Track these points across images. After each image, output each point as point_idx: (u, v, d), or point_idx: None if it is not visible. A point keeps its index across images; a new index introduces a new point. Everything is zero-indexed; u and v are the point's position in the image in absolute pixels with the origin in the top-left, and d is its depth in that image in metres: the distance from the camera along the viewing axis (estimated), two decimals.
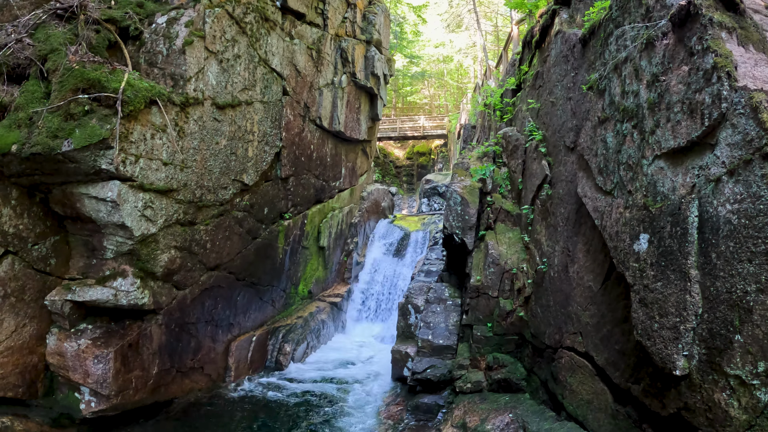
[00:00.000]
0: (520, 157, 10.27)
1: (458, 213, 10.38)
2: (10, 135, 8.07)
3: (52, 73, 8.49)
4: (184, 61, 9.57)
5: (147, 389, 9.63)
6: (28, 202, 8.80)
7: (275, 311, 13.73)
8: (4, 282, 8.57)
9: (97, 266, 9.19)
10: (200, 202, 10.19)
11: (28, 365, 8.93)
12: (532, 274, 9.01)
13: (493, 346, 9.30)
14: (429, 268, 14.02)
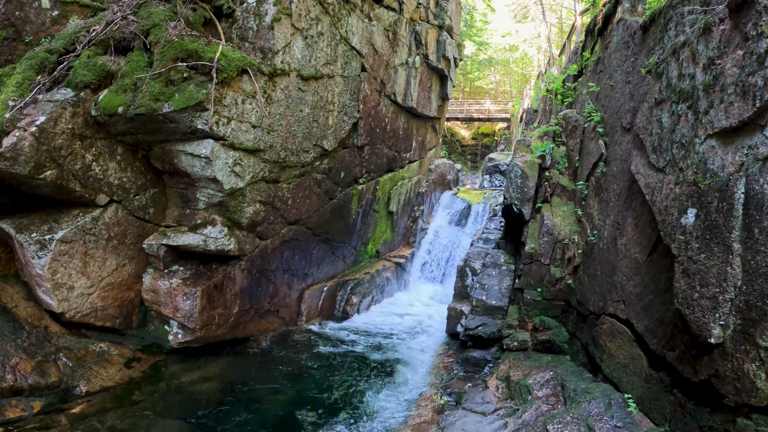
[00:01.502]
0: (579, 137, 10.15)
1: (518, 185, 10.33)
2: (117, 98, 8.38)
3: (154, 45, 8.74)
4: (272, 36, 9.73)
5: (228, 326, 10.00)
6: (131, 158, 9.18)
7: (345, 266, 13.96)
8: (109, 227, 9.02)
9: (190, 215, 9.57)
10: (284, 163, 10.42)
11: (125, 300, 9.43)
12: (582, 245, 8.95)
13: (541, 309, 9.30)
14: (487, 236, 13.97)
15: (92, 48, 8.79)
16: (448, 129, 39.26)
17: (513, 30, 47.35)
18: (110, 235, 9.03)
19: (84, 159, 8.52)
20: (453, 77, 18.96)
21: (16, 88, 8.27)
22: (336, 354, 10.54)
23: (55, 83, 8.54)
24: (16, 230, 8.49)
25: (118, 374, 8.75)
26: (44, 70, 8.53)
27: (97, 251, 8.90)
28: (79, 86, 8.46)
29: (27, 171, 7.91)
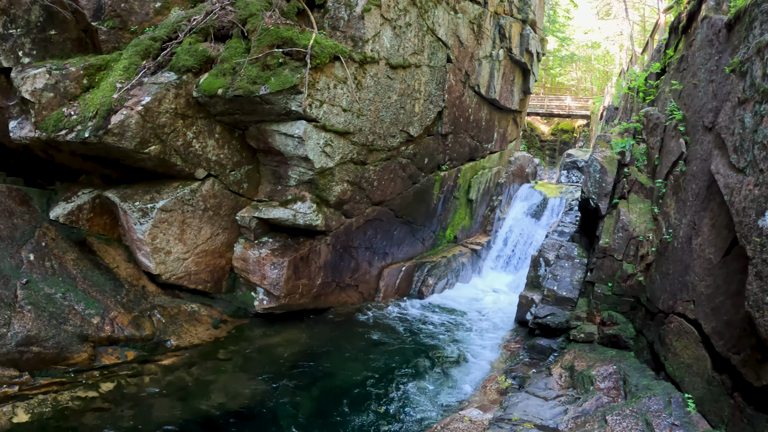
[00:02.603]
0: (659, 135, 9.69)
1: (596, 180, 9.94)
2: (217, 81, 8.52)
3: (251, 33, 8.84)
4: (362, 25, 9.65)
5: (310, 296, 10.12)
6: (228, 136, 9.33)
7: (424, 248, 13.84)
8: (206, 198, 9.22)
9: (281, 191, 9.66)
10: (371, 146, 10.35)
11: (217, 266, 9.67)
12: (656, 242, 8.53)
13: (610, 304, 8.95)
14: (562, 229, 13.57)
15: (193, 36, 8.96)
16: (528, 123, 38.44)
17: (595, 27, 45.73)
18: (206, 207, 9.24)
19: (185, 136, 8.72)
20: (535, 71, 18.46)
21: (123, 71, 8.52)
22: (408, 331, 10.49)
23: (159, 67, 8.75)
24: (121, 199, 8.86)
25: (206, 333, 9.10)
26: (149, 56, 8.77)
27: (194, 220, 9.14)
28: (181, 70, 8.65)
29: (133, 146, 8.18)
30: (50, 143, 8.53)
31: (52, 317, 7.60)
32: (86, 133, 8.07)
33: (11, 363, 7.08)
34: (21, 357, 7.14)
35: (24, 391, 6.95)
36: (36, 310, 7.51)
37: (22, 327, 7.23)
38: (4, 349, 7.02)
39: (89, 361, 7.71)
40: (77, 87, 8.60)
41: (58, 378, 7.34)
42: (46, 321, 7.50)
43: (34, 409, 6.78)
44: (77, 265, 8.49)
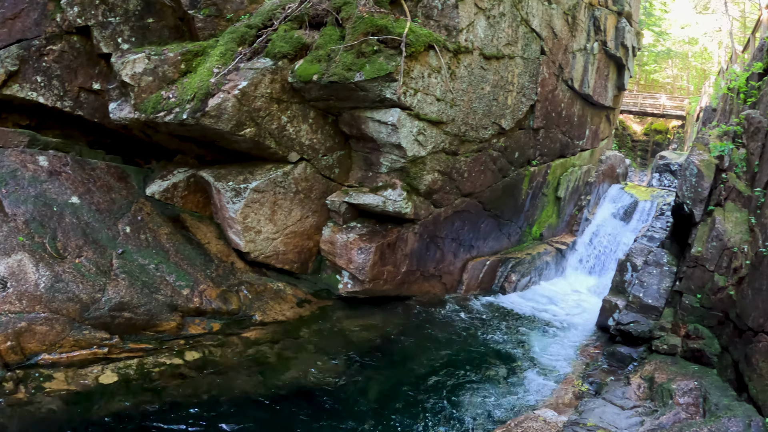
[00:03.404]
0: (761, 140, 9.16)
1: (692, 184, 9.51)
2: (312, 67, 8.66)
3: (345, 21, 8.92)
4: (456, 14, 9.51)
5: (394, 283, 10.15)
6: (322, 122, 9.47)
7: (509, 244, 13.62)
8: (297, 182, 9.40)
9: (371, 178, 9.71)
10: (463, 137, 10.24)
11: (304, 248, 9.89)
12: (751, 256, 8.01)
13: (697, 317, 8.53)
14: (652, 234, 13.07)
15: (288, 23, 9.14)
16: (620, 122, 37.19)
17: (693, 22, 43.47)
18: (298, 189, 9.42)
19: (280, 120, 8.89)
20: (630, 67, 17.80)
21: (219, 57, 8.81)
22: (487, 325, 10.40)
23: (255, 54, 8.97)
24: (215, 179, 9.22)
25: (290, 311, 9.32)
26: (245, 43, 9.01)
27: (285, 202, 9.34)
28: (277, 56, 8.83)
29: (229, 128, 8.43)
30: (149, 124, 8.90)
31: (145, 286, 8.07)
32: (184, 115, 8.40)
33: (103, 326, 7.58)
34: (112, 321, 7.64)
35: (113, 354, 7.44)
36: (130, 278, 7.99)
37: (115, 293, 7.73)
38: (98, 313, 7.53)
39: (177, 330, 8.15)
40: (175, 72, 8.94)
41: (145, 343, 7.80)
42: (139, 289, 7.96)
43: (121, 370, 7.20)
44: (170, 239, 8.95)
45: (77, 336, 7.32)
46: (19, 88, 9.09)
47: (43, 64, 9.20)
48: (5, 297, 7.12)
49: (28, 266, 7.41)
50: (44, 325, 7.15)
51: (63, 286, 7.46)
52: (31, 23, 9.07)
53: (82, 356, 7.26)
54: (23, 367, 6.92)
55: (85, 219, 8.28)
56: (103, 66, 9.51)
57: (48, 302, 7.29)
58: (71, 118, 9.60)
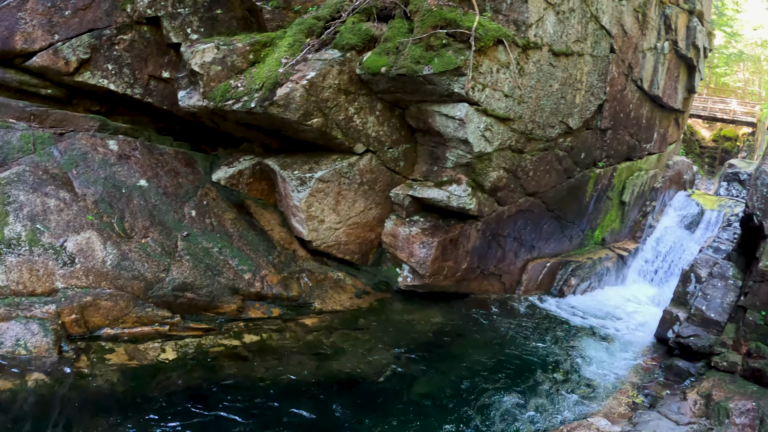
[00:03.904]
0: None
1: (763, 194, 9.20)
2: (380, 60, 8.76)
3: (414, 14, 9.00)
4: (526, 9, 9.46)
5: (453, 279, 10.18)
6: (388, 114, 9.57)
7: (570, 247, 13.45)
8: (362, 173, 9.52)
9: (436, 172, 9.75)
10: (530, 135, 10.18)
11: (366, 239, 10.03)
12: None
13: (760, 335, 8.24)
14: (718, 245, 12.71)
15: (356, 15, 9.28)
16: (687, 126, 36.19)
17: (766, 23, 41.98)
18: (362, 181, 9.56)
19: (347, 111, 9.01)
20: (701, 69, 17.33)
21: (288, 48, 9.02)
22: (543, 328, 10.37)
23: (323, 45, 9.15)
24: (281, 167, 9.46)
25: (348, 301, 9.53)
26: (313, 34, 9.20)
27: (349, 193, 9.49)
28: (345, 48, 8.97)
29: (296, 117, 8.61)
30: (217, 112, 9.14)
31: (208, 268, 8.42)
32: (252, 104, 8.61)
33: (166, 305, 7.97)
34: (175, 300, 8.02)
35: (173, 332, 7.85)
36: (193, 260, 8.36)
37: (179, 274, 8.11)
38: (161, 291, 7.92)
39: (237, 313, 8.48)
40: (243, 61, 9.18)
41: (205, 324, 8.18)
42: (202, 271, 8.32)
43: (180, 348, 7.58)
44: (234, 224, 9.29)
45: (140, 313, 7.74)
46: (91, 76, 9.42)
47: (114, 52, 9.51)
48: (73, 272, 7.57)
49: (96, 244, 7.86)
50: (109, 300, 7.59)
51: (129, 264, 7.89)
52: (102, 13, 9.39)
53: (143, 332, 7.69)
54: (86, 339, 7.39)
55: (152, 201, 8.69)
56: (172, 55, 9.79)
57: (114, 279, 7.72)
58: (141, 105, 9.94)
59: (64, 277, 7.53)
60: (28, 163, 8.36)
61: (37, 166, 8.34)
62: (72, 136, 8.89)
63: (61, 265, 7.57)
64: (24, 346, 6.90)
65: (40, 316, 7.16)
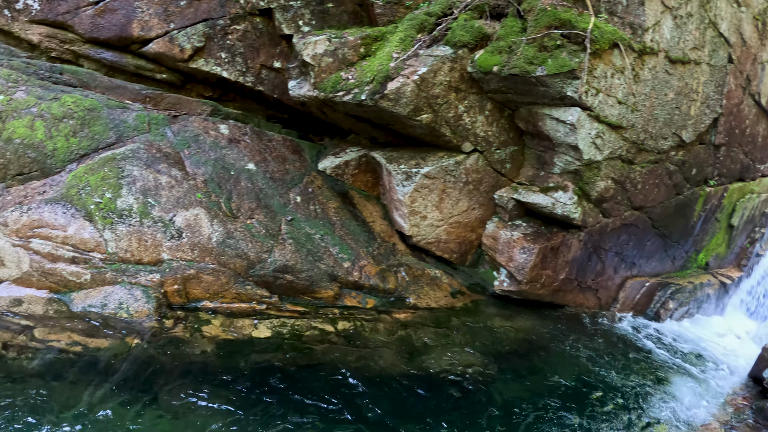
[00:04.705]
0: None
1: None
2: (492, 58, 8.77)
3: (527, 13, 8.98)
4: (642, 12, 9.31)
5: (550, 288, 10.07)
6: (498, 115, 9.56)
7: (672, 268, 13.08)
8: (468, 172, 9.57)
9: (542, 177, 9.69)
10: (641, 145, 9.98)
11: (465, 239, 10.07)
12: None
13: None
14: None
15: (468, 12, 9.33)
16: None
17: None
18: (467, 180, 9.62)
19: (456, 109, 9.10)
20: None
21: (399, 43, 9.20)
22: (635, 350, 10.12)
23: (434, 41, 9.26)
24: (387, 161, 9.67)
25: (443, 299, 9.61)
26: (424, 30, 9.34)
27: (453, 192, 9.56)
28: (457, 45, 9.05)
29: (406, 112, 8.77)
30: (326, 102, 9.40)
31: (309, 254, 8.76)
32: (363, 96, 8.79)
33: (265, 285, 8.40)
34: (274, 281, 8.43)
35: (270, 311, 8.29)
36: (296, 244, 8.74)
37: (281, 256, 8.52)
38: (262, 271, 8.35)
39: (333, 299, 8.80)
40: (354, 54, 9.40)
41: (301, 307, 8.57)
42: (303, 256, 8.68)
43: (275, 327, 8.01)
44: (337, 213, 9.61)
45: (239, 290, 8.21)
46: (204, 63, 9.92)
47: (227, 41, 9.96)
48: (179, 245, 8.13)
49: (203, 221, 8.36)
50: (211, 275, 8.08)
51: (233, 242, 8.35)
52: (216, 4, 9.87)
53: (240, 309, 8.18)
54: (185, 309, 7.95)
55: (259, 185, 9.09)
56: (284, 46, 10.17)
57: (218, 255, 8.20)
58: (251, 93, 10.38)
59: (170, 250, 8.10)
60: (143, 141, 8.89)
61: (151, 145, 8.86)
62: (185, 118, 9.38)
63: (169, 238, 8.14)
64: (126, 310, 7.62)
65: (144, 283, 7.83)
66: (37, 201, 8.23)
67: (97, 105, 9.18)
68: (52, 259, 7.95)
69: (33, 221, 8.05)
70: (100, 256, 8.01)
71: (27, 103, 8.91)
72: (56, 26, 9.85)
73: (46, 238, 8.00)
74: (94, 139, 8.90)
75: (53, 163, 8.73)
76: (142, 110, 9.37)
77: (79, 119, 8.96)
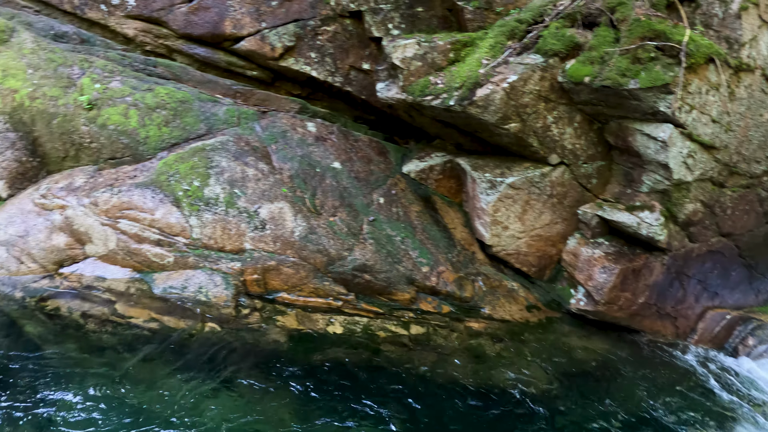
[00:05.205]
0: None
1: None
2: (584, 69, 8.67)
3: (620, 23, 8.82)
4: (739, 25, 9.09)
5: (627, 312, 9.80)
6: (587, 127, 9.43)
7: (755, 302, 12.61)
8: (553, 185, 9.47)
9: (629, 195, 9.50)
10: (733, 168, 9.72)
11: (545, 254, 9.95)
12: None
13: None
14: None
15: (560, 20, 9.25)
16: None
17: None
18: (552, 193, 9.53)
19: (545, 119, 9.05)
20: None
21: (489, 49, 9.20)
22: (709, 390, 9.75)
23: (525, 49, 9.22)
24: (472, 168, 9.66)
25: (518, 313, 9.52)
26: (514, 37, 9.32)
27: (537, 204, 9.49)
28: (548, 54, 8.98)
29: (494, 120, 8.76)
30: (414, 106, 9.49)
31: (389, 255, 8.87)
32: (451, 102, 8.84)
33: (343, 282, 8.59)
34: (352, 280, 8.59)
35: (345, 308, 8.53)
36: (376, 245, 8.86)
37: (361, 255, 8.66)
38: (341, 269, 8.53)
39: (408, 303, 8.87)
40: (443, 59, 9.46)
41: (376, 307, 8.70)
42: (383, 257, 8.79)
43: (348, 325, 8.26)
44: (419, 217, 9.68)
45: (317, 285, 8.43)
46: (294, 62, 10.18)
47: (317, 42, 10.20)
48: (262, 237, 8.40)
49: (287, 215, 8.61)
50: (291, 268, 8.33)
51: (315, 238, 8.57)
52: (307, 5, 10.13)
53: (316, 303, 8.44)
54: (261, 299, 8.25)
55: (343, 184, 9.28)
56: (372, 48, 10.32)
57: (299, 249, 8.44)
58: (339, 93, 10.59)
59: (253, 240, 8.38)
60: (232, 134, 9.19)
61: (239, 138, 9.16)
62: (273, 114, 9.66)
63: (252, 229, 8.42)
64: (205, 294, 7.99)
65: (225, 270, 8.16)
66: (127, 184, 8.64)
67: (189, 97, 9.56)
68: (138, 240, 8.37)
69: (122, 203, 8.46)
70: (184, 240, 8.37)
71: (122, 93, 9.36)
72: (151, 22, 10.32)
73: (134, 220, 8.42)
74: (185, 130, 9.28)
75: (145, 149, 9.12)
76: (232, 104, 9.71)
77: (171, 110, 9.35)
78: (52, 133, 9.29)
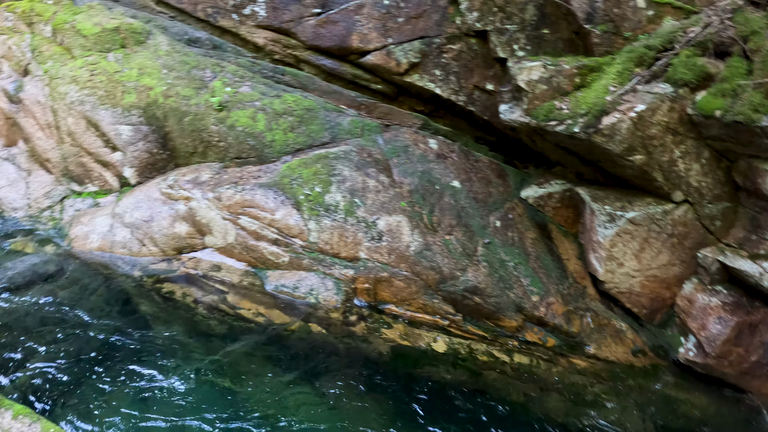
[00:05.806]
0: None
1: None
2: (715, 102, 8.35)
3: (753, 53, 8.41)
4: None
5: (737, 369, 9.20)
6: (714, 165, 9.08)
7: None
8: (675, 224, 9.15)
9: (753, 242, 9.04)
10: None
11: (659, 296, 9.56)
12: None
13: None
14: None
15: (690, 48, 8.92)
16: None
17: None
18: (672, 233, 9.20)
19: (672, 153, 8.80)
20: None
21: (616, 76, 8.99)
22: None
23: (653, 77, 8.97)
24: (591, 199, 9.50)
25: (623, 355, 9.23)
26: (642, 64, 9.07)
27: (656, 242, 9.19)
28: (678, 83, 8.71)
29: (619, 150, 8.59)
30: (537, 130, 9.46)
31: (501, 280, 8.87)
32: (576, 128, 8.74)
33: (452, 302, 8.64)
34: (462, 300, 8.64)
35: (450, 328, 8.61)
36: (489, 268, 8.88)
37: (474, 277, 8.69)
38: (452, 288, 8.60)
39: (515, 330, 8.83)
40: (569, 84, 9.39)
41: (482, 331, 8.72)
42: (495, 281, 8.80)
43: (452, 345, 8.32)
44: (534, 244, 9.64)
45: (426, 301, 8.56)
46: (419, 78, 10.42)
47: (442, 60, 10.40)
48: (378, 248, 8.64)
49: (404, 228, 8.79)
50: (403, 281, 8.51)
51: (430, 255, 8.67)
52: (433, 23, 10.33)
53: (423, 320, 8.57)
54: (369, 308, 8.53)
55: (461, 203, 9.38)
56: (497, 69, 10.41)
57: (413, 264, 8.59)
58: (461, 112, 10.72)
59: (368, 250, 8.63)
60: (355, 144, 9.52)
61: (362, 149, 9.47)
62: (396, 128, 9.94)
63: (369, 239, 8.68)
64: (315, 296, 8.39)
65: (337, 276, 8.47)
66: (251, 183, 9.10)
67: (315, 106, 9.98)
68: (256, 237, 8.82)
69: (245, 201, 8.93)
70: (301, 242, 8.74)
71: (251, 97, 9.84)
72: (280, 32, 10.84)
73: (254, 218, 8.87)
74: (310, 137, 9.69)
75: (270, 152, 9.57)
76: (356, 116, 10.09)
77: (297, 117, 9.78)
78: (183, 129, 9.90)
